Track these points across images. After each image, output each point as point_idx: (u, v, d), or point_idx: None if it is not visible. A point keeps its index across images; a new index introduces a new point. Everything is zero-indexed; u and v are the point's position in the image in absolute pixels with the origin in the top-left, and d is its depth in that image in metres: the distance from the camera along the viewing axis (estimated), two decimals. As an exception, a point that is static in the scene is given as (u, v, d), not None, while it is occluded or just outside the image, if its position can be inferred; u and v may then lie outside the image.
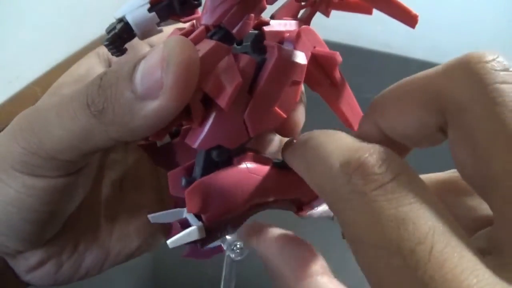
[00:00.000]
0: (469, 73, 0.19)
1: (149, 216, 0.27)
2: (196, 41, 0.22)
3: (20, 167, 0.23)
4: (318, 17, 0.25)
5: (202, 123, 0.23)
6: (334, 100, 0.25)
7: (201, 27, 0.23)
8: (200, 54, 0.21)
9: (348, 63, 0.27)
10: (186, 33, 0.23)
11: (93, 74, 0.28)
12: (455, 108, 0.19)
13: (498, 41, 1.00)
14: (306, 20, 0.26)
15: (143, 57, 0.21)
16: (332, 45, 0.26)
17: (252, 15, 0.22)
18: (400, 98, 0.22)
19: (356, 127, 0.24)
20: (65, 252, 0.27)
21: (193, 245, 0.30)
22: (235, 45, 0.24)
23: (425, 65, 0.99)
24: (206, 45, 0.21)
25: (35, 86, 0.86)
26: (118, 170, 0.31)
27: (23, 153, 0.23)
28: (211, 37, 0.22)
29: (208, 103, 0.22)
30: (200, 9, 0.25)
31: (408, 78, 0.21)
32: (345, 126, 0.25)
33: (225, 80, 0.21)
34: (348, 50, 0.99)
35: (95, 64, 0.28)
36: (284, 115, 0.23)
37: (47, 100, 0.26)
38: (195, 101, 0.21)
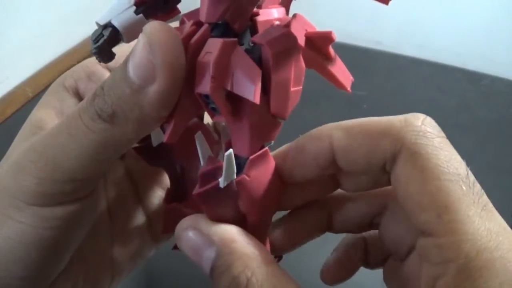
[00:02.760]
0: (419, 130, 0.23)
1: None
2: (202, 41, 0.22)
3: (36, 200, 0.22)
4: (307, 15, 0.26)
5: (237, 131, 0.23)
6: (328, 70, 0.26)
7: (205, 26, 0.23)
8: (212, 56, 0.21)
9: (339, 60, 0.27)
10: (190, 33, 0.23)
11: (65, 107, 0.28)
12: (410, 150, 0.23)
13: (487, 38, 1.01)
14: (286, 4, 0.26)
15: (130, 54, 0.21)
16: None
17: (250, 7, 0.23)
18: (368, 135, 0.25)
19: (348, 88, 0.26)
20: None
21: None
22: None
23: (415, 62, 0.99)
24: (214, 45, 0.21)
25: (26, 86, 0.86)
26: (102, 198, 0.30)
27: (39, 183, 0.22)
28: (211, 32, 0.23)
29: (232, 102, 0.23)
30: (179, 6, 0.25)
31: (370, 120, 0.25)
32: (338, 88, 0.26)
33: (245, 75, 0.21)
34: (338, 48, 0.99)
35: (65, 96, 0.28)
36: (301, 87, 0.24)
37: (31, 134, 0.26)
38: (220, 99, 0.22)
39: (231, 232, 0.23)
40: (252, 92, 0.21)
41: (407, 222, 0.25)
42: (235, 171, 0.23)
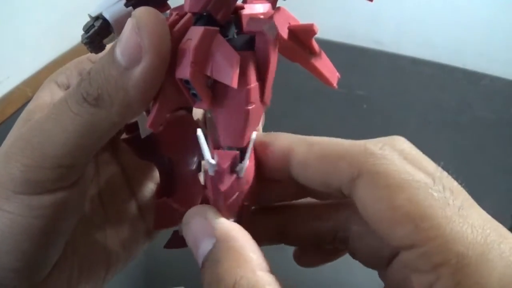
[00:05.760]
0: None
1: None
2: (184, 29, 0.23)
3: (23, 188, 0.22)
4: (307, 15, 0.26)
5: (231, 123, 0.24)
6: (313, 64, 0.26)
7: (188, 15, 0.23)
8: (193, 42, 0.21)
9: (339, 60, 0.27)
10: (174, 22, 0.23)
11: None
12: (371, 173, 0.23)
13: (487, 37, 1.01)
14: (272, 1, 0.26)
15: (118, 38, 0.22)
16: (323, 43, 0.26)
17: None
18: (327, 156, 0.25)
19: (334, 84, 0.26)
20: None
21: (174, 234, 0.30)
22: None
23: (415, 61, 0.99)
24: (196, 32, 0.22)
25: (25, 86, 0.86)
26: (94, 186, 0.30)
27: (26, 170, 0.22)
28: (194, 24, 0.23)
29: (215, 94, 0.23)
30: (169, 1, 0.25)
31: (333, 142, 0.25)
32: (324, 84, 0.26)
33: (224, 60, 0.22)
34: (339, 48, 0.99)
35: (57, 92, 0.29)
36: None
37: (22, 126, 0.26)
38: (200, 84, 0.22)
39: (235, 230, 0.23)
40: (231, 77, 0.21)
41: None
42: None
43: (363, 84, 0.86)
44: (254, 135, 0.23)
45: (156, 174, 0.32)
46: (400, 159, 0.23)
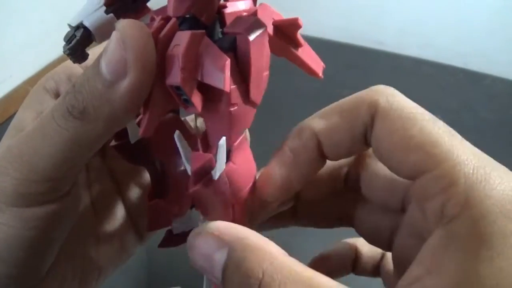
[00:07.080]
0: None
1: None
2: (171, 34, 0.22)
3: (15, 200, 0.23)
4: (310, 14, 0.26)
5: (217, 122, 0.24)
6: (298, 56, 0.26)
7: (173, 20, 0.23)
8: (181, 48, 0.21)
9: (341, 60, 0.28)
10: (159, 28, 0.23)
11: (46, 108, 0.28)
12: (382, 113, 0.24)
13: (489, 38, 1.01)
14: None
15: (103, 51, 0.22)
16: (325, 43, 0.26)
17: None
18: (347, 109, 0.26)
19: (320, 74, 0.27)
20: None
21: (168, 233, 0.30)
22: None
23: (417, 62, 0.99)
24: (183, 37, 0.22)
25: (28, 85, 0.86)
26: (85, 192, 0.31)
27: (17, 183, 0.22)
28: (179, 26, 0.23)
29: (204, 92, 0.23)
30: (149, 4, 0.25)
31: (342, 100, 0.26)
32: (310, 75, 0.27)
33: (213, 64, 0.22)
34: (341, 48, 1.00)
35: (45, 98, 0.29)
36: (268, 72, 0.24)
37: (12, 137, 0.26)
38: (191, 90, 0.22)
39: (242, 230, 0.23)
40: (222, 81, 0.21)
41: (381, 213, 0.27)
42: (225, 160, 0.24)
43: (364, 84, 0.85)
44: (222, 140, 0.23)
45: (146, 178, 0.32)
46: (405, 97, 0.25)
